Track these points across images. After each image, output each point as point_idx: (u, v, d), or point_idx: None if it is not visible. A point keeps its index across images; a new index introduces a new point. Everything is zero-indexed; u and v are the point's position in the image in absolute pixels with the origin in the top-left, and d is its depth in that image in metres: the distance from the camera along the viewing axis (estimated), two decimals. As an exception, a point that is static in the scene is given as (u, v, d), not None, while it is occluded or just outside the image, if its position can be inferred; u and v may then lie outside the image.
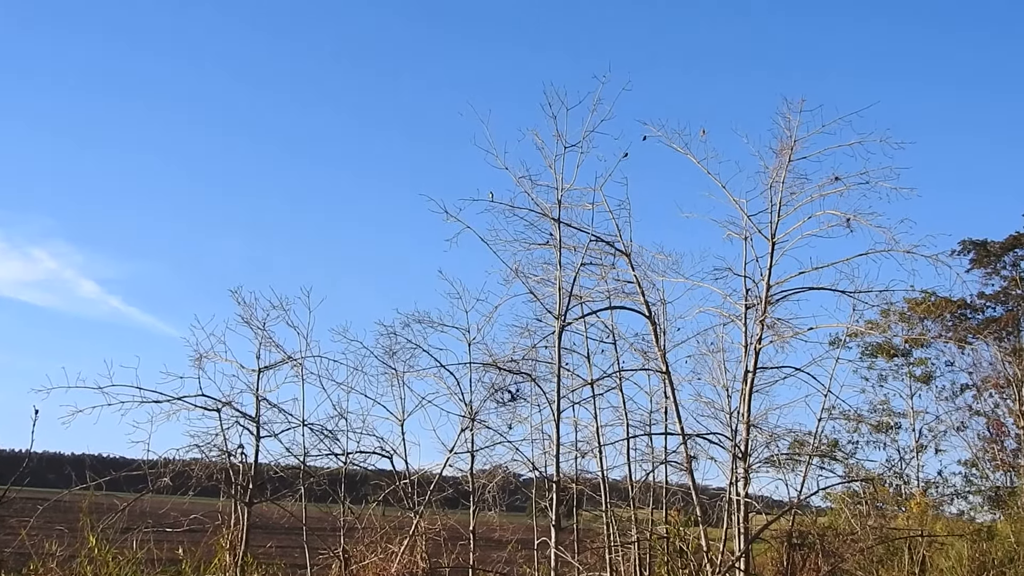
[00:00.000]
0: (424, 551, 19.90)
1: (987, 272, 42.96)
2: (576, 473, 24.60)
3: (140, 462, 19.48)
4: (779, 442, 23.20)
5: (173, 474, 19.57)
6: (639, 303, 21.80)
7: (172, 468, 19.56)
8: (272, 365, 21.11)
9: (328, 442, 21.07)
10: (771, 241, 21.92)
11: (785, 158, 21.87)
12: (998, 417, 42.74)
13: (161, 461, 19.48)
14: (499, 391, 22.13)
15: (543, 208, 20.69)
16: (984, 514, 42.38)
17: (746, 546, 20.87)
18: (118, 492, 20.11)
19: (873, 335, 36.45)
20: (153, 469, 19.37)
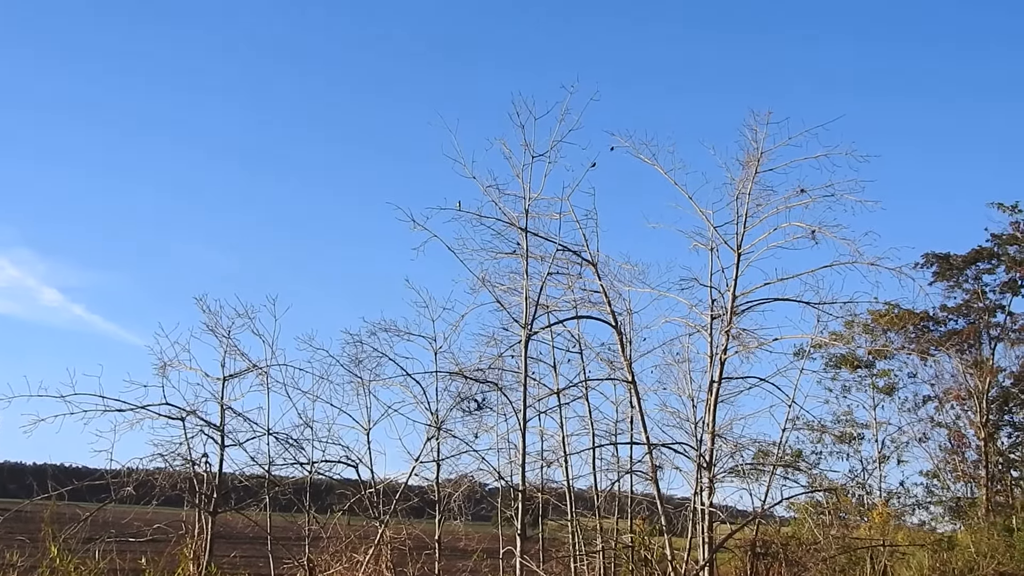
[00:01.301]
0: (389, 560, 19.85)
1: (950, 285, 43.33)
2: (542, 482, 24.64)
3: (103, 471, 19.33)
4: (744, 452, 23.35)
5: (136, 483, 19.42)
6: (605, 313, 21.87)
7: (135, 477, 19.41)
8: (237, 373, 21.01)
9: (293, 451, 21.00)
10: (737, 252, 22.07)
11: (751, 170, 22.05)
12: (959, 429, 43.22)
13: (124, 470, 19.33)
14: (465, 400, 22.13)
15: (510, 217, 20.71)
16: (945, 524, 42.80)
17: (710, 555, 20.95)
18: (80, 502, 19.94)
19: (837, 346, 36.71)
20: (116, 478, 19.22)
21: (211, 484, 20.39)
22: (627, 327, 23.11)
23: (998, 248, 41.86)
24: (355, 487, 21.46)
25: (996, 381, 41.86)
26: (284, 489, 21.04)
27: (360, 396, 22.05)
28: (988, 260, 42.26)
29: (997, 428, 42.55)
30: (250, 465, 20.95)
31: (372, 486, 21.39)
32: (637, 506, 24.89)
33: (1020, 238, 40.98)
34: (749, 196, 22.07)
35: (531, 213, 20.57)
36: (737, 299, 21.99)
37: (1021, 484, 42.60)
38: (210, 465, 20.54)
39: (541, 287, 20.69)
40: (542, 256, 21.36)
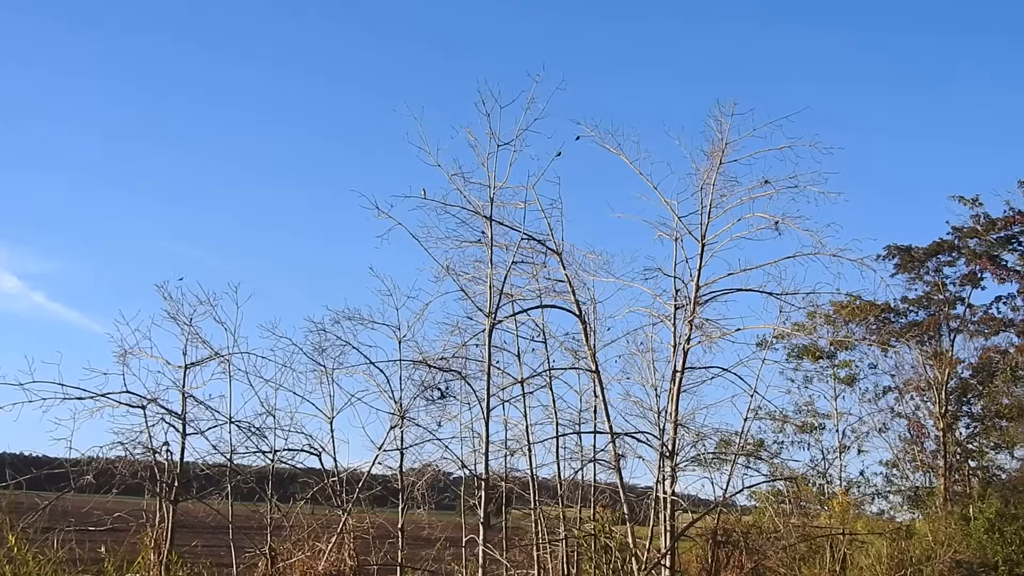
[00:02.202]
0: (352, 549, 19.80)
1: (911, 277, 43.73)
2: (505, 471, 24.67)
3: (62, 460, 19.12)
4: (706, 441, 23.48)
5: (96, 472, 19.22)
6: (570, 302, 21.94)
7: (95, 466, 19.22)
8: (199, 361, 20.86)
9: (255, 439, 20.87)
10: (701, 242, 22.18)
11: (716, 161, 22.16)
12: (919, 419, 43.67)
13: (84, 459, 19.13)
14: (429, 389, 22.11)
15: (475, 206, 20.72)
16: (903, 513, 43.22)
17: (672, 543, 21.07)
18: (39, 491, 19.74)
19: (799, 337, 36.99)
20: (75, 467, 19.02)
21: (172, 473, 20.24)
22: (591, 316, 23.18)
23: (959, 241, 42.30)
24: (318, 476, 21.37)
25: (955, 372, 42.32)
26: (246, 478, 20.90)
27: (323, 384, 21.97)
28: (949, 253, 42.71)
29: (955, 419, 43.02)
30: (212, 454, 20.82)
31: (335, 475, 21.31)
32: (600, 495, 24.98)
33: (980, 231, 41.43)
34: (713, 187, 22.19)
35: (496, 202, 20.59)
36: (700, 289, 22.11)
37: (978, 474, 43.10)
38: (171, 454, 20.39)
39: (505, 276, 20.71)
40: (507, 245, 21.39)
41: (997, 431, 43.20)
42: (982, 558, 27.61)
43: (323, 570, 18.84)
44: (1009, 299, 41.91)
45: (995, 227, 41.20)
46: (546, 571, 23.64)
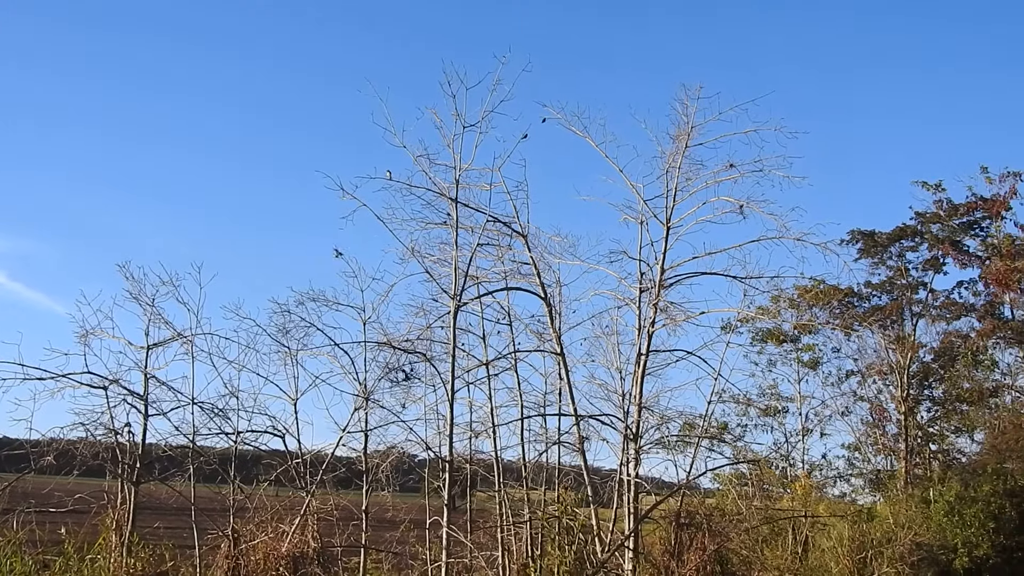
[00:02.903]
0: (316, 531, 19.76)
1: (874, 262, 44.03)
2: (470, 453, 24.65)
3: (22, 441, 18.99)
4: (670, 424, 23.61)
5: (57, 453, 19.06)
6: (535, 285, 21.98)
7: (56, 447, 19.07)
8: (161, 342, 20.70)
9: (219, 421, 20.73)
10: (666, 226, 22.28)
11: (682, 144, 22.25)
12: (881, 403, 44.06)
13: (44, 440, 19.00)
14: (393, 371, 22.07)
15: (441, 188, 20.68)
16: (865, 496, 43.64)
17: (635, 525, 21.18)
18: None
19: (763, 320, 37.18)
20: (36, 448, 18.88)
21: (134, 454, 20.11)
22: (556, 299, 23.23)
23: (922, 226, 42.66)
24: (282, 458, 21.30)
25: (917, 357, 42.72)
26: (209, 459, 20.76)
27: (287, 366, 21.86)
28: (912, 238, 43.06)
29: (917, 403, 43.43)
30: (174, 435, 20.67)
31: (299, 457, 21.23)
32: (564, 477, 25.03)
33: (943, 217, 41.77)
34: (679, 170, 22.29)
35: (462, 184, 20.57)
36: (665, 272, 22.21)
37: (939, 457, 43.55)
38: (133, 435, 20.25)
39: (471, 258, 20.72)
40: (472, 227, 21.40)
41: (958, 415, 43.68)
42: (942, 540, 27.94)
43: (286, 552, 18.79)
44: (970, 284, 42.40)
45: (957, 213, 41.58)
46: (510, 553, 23.67)
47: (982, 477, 29.84)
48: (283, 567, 18.47)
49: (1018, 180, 39.76)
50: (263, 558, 18.63)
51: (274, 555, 18.67)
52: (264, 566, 18.55)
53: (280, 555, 18.66)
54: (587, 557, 20.98)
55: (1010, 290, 39.06)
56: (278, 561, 18.54)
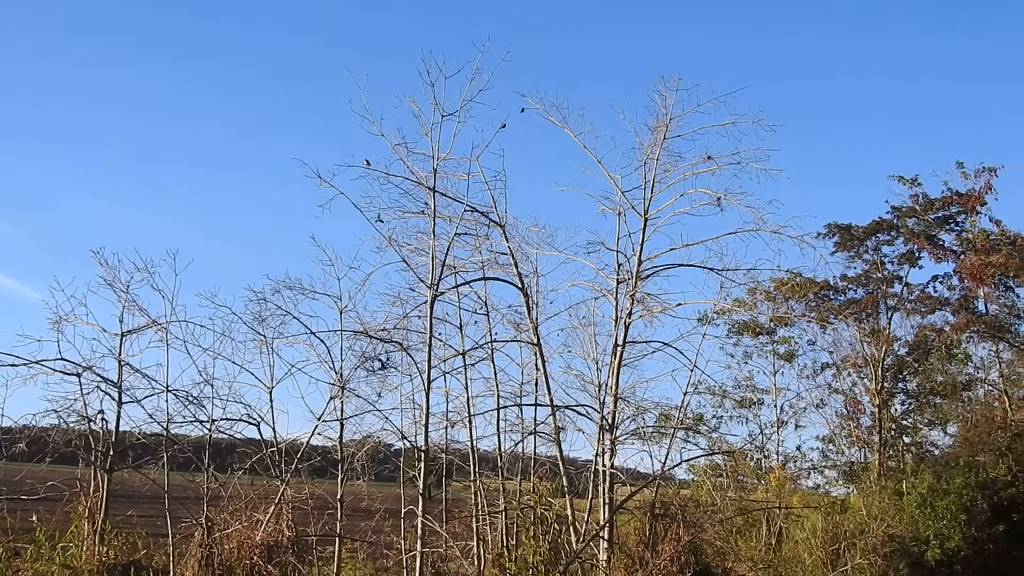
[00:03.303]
0: (290, 520, 19.69)
1: (850, 255, 44.14)
2: (446, 443, 24.64)
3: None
4: (645, 415, 23.62)
5: (29, 440, 18.96)
6: (512, 275, 21.96)
7: (28, 434, 18.96)
8: (135, 329, 20.61)
9: (193, 409, 20.64)
10: (644, 217, 22.30)
11: (660, 135, 22.27)
12: (855, 395, 44.21)
13: (16, 427, 18.89)
14: (369, 360, 22.02)
15: (418, 176, 20.62)
16: (839, 488, 43.78)
17: (610, 516, 21.22)
18: (-30, 459, 19.44)
19: (740, 313, 37.34)
20: (7, 435, 18.80)
21: (107, 442, 20.02)
22: (533, 289, 23.23)
23: (898, 220, 42.78)
24: (256, 446, 21.21)
25: (892, 350, 42.89)
26: (183, 447, 20.67)
27: (263, 354, 21.77)
28: (888, 232, 43.18)
29: (891, 395, 43.61)
30: (148, 423, 20.56)
31: (274, 445, 21.16)
32: (540, 467, 25.06)
33: (919, 211, 41.93)
34: (657, 162, 22.31)
35: (440, 173, 20.49)
36: (643, 264, 22.25)
37: (912, 450, 43.77)
38: (106, 422, 20.16)
39: (448, 247, 20.67)
40: (450, 216, 21.35)
41: (931, 408, 43.91)
42: (914, 532, 28.09)
43: (260, 540, 18.72)
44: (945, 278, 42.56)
45: (933, 207, 41.73)
46: (485, 543, 23.72)
47: (954, 470, 30.02)
48: (257, 556, 18.41)
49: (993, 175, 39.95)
50: (237, 547, 18.57)
51: (248, 544, 18.60)
52: (238, 555, 18.48)
53: (254, 544, 18.60)
54: (562, 547, 21.00)
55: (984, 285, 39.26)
56: (252, 550, 18.47)
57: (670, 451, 23.28)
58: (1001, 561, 28.62)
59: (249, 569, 18.24)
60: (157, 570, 20.48)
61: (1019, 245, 38.50)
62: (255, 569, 18.18)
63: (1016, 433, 32.13)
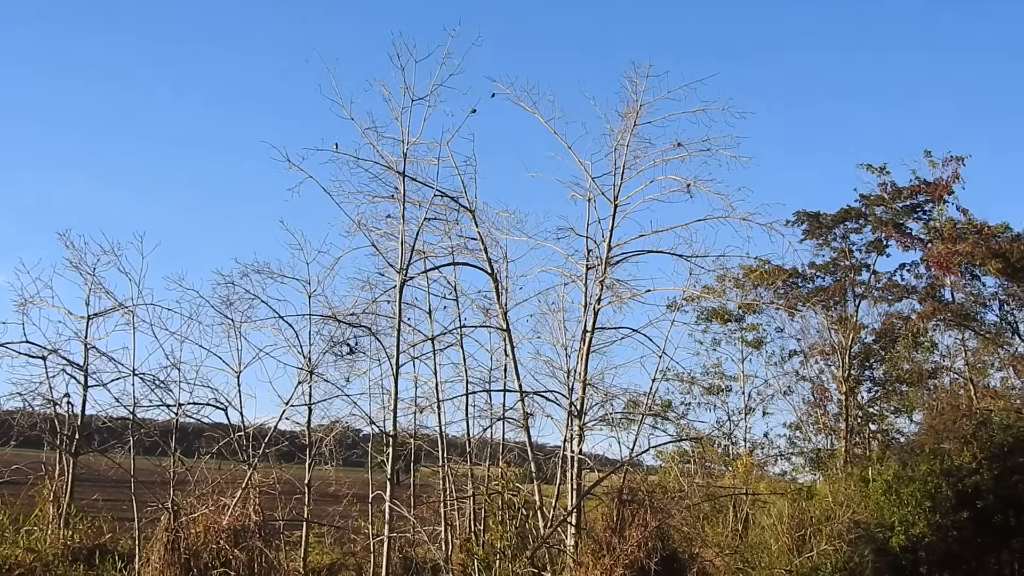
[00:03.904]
0: (257, 504, 19.62)
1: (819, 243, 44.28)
2: (414, 428, 24.66)
3: (-43, 411, 18.71)
4: (614, 401, 23.66)
5: (-8, 423, 18.85)
6: (482, 260, 21.96)
7: (-8, 417, 18.84)
8: (102, 312, 20.50)
9: (160, 393, 20.53)
10: (613, 203, 22.32)
11: (630, 122, 22.29)
12: (822, 383, 44.55)
13: (-20, 410, 18.72)
14: (338, 344, 21.97)
15: (388, 161, 20.56)
16: (805, 474, 44.16)
17: (578, 501, 21.29)
18: (-67, 442, 19.30)
19: (708, 299, 37.50)
20: (-29, 418, 18.62)
21: (73, 425, 19.92)
22: (503, 275, 23.20)
23: (866, 208, 42.98)
24: (224, 430, 21.12)
25: (859, 337, 43.14)
26: (150, 431, 20.58)
27: (231, 338, 21.69)
28: (856, 220, 43.35)
29: (858, 383, 43.89)
30: (114, 406, 20.48)
31: (241, 430, 21.08)
32: (508, 453, 25.09)
33: (887, 199, 42.13)
34: (627, 148, 22.33)
35: (409, 157, 20.47)
36: (612, 250, 22.27)
37: (878, 437, 44.10)
38: (72, 406, 20.07)
39: (418, 232, 20.65)
40: (419, 201, 21.32)
41: (897, 395, 44.29)
42: (879, 518, 28.32)
43: (227, 525, 18.64)
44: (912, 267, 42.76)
45: (901, 196, 41.92)
46: (452, 528, 23.73)
47: (919, 457, 30.26)
48: (224, 540, 18.33)
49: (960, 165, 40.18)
50: (204, 531, 18.48)
51: (215, 528, 18.52)
52: (204, 539, 18.40)
53: (221, 528, 18.52)
54: (529, 532, 21.06)
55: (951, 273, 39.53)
56: (219, 534, 18.39)
57: (638, 437, 23.35)
58: (964, 547, 28.92)
59: (215, 553, 18.17)
60: (122, 554, 20.41)
61: (985, 234, 38.79)
62: (221, 553, 18.11)
63: (981, 421, 32.42)
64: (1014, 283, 38.93)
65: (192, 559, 17.87)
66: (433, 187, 21.26)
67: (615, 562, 19.13)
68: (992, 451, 30.24)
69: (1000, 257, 37.64)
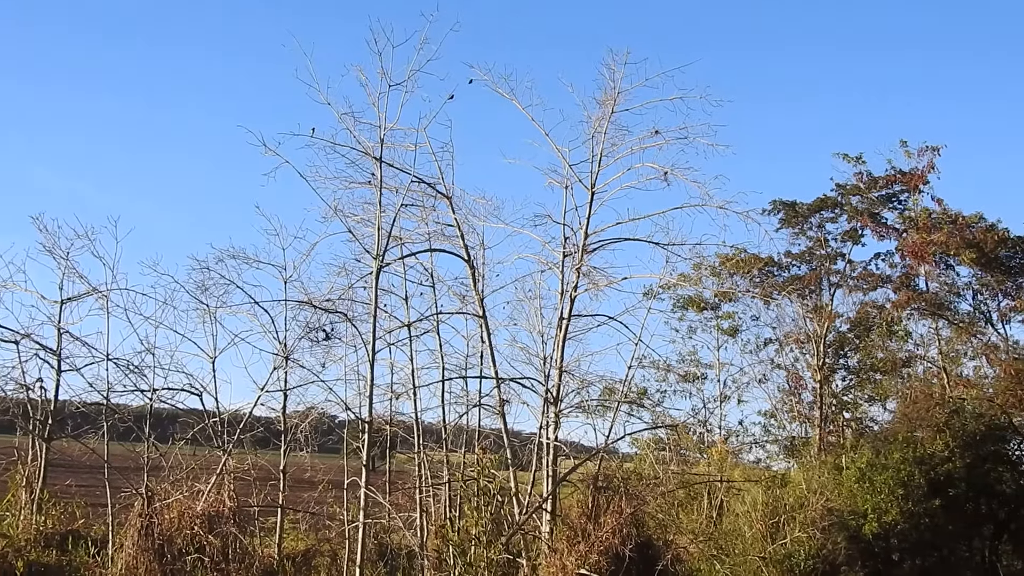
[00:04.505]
0: (232, 490, 19.58)
1: (795, 232, 44.37)
2: (390, 415, 24.61)
3: (-73, 395, 18.57)
4: (590, 388, 23.71)
5: (-36, 408, 18.72)
6: (459, 247, 21.92)
7: (-37, 402, 18.71)
8: (76, 297, 20.37)
9: (134, 378, 20.45)
10: (591, 191, 22.32)
11: (608, 109, 22.27)
12: (797, 371, 44.74)
13: (-49, 394, 18.59)
14: (314, 330, 21.92)
15: (365, 146, 20.49)
16: (779, 462, 44.32)
17: (553, 488, 21.33)
18: (-97, 426, 19.16)
19: (685, 287, 37.54)
20: (-58, 403, 18.50)
21: (46, 410, 19.81)
22: (480, 262, 23.18)
23: (842, 198, 43.11)
24: (198, 416, 21.04)
25: (833, 326, 43.30)
26: (124, 417, 20.48)
27: (206, 324, 21.63)
28: (832, 209, 43.47)
29: (832, 371, 44.09)
30: (88, 391, 20.37)
31: (216, 415, 21.01)
32: (484, 440, 25.11)
33: (863, 189, 42.27)
34: (605, 135, 22.33)
35: (387, 143, 20.37)
36: (589, 237, 22.29)
37: (852, 425, 44.32)
38: (45, 390, 19.96)
39: (394, 218, 20.60)
40: (396, 187, 21.26)
41: (871, 384, 44.49)
42: (852, 506, 28.46)
43: (201, 511, 18.60)
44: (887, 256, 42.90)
45: (877, 185, 42.06)
46: (428, 514, 23.73)
47: (893, 445, 30.41)
48: (198, 526, 18.29)
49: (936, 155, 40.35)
50: (178, 517, 18.43)
51: (189, 514, 18.47)
52: (179, 525, 18.35)
53: (195, 514, 18.47)
54: (505, 519, 21.10)
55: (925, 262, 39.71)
56: (193, 520, 18.35)
57: (614, 424, 23.41)
58: (936, 535, 29.13)
59: (189, 539, 18.13)
60: (96, 540, 20.34)
61: (960, 224, 38.99)
62: (195, 539, 18.07)
63: (953, 410, 32.62)
64: (987, 273, 39.17)
65: (166, 545, 17.83)
66: (410, 173, 21.23)
67: (590, 548, 19.19)
68: (964, 439, 30.46)
69: (974, 247, 37.86)
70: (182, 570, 17.75)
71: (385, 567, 21.61)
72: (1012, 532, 31.23)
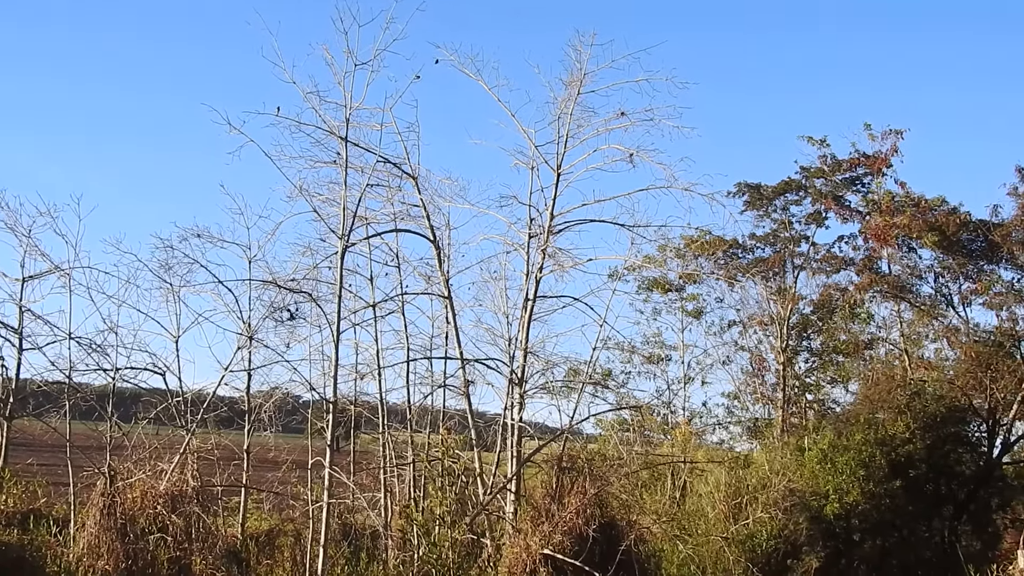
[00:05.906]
0: (196, 470, 19.51)
1: (759, 214, 44.57)
2: (355, 395, 24.61)
3: None
4: (555, 369, 23.83)
5: (-76, 387, 18.55)
6: (424, 227, 21.93)
7: (-77, 381, 18.53)
8: (37, 275, 20.18)
9: (97, 357, 20.28)
10: (556, 172, 22.37)
11: (574, 91, 22.32)
12: (760, 353, 45.02)
13: (-89, 373, 18.42)
14: (278, 310, 21.88)
15: (331, 126, 20.41)
16: (743, 443, 44.62)
17: (517, 468, 21.43)
18: None
19: (650, 269, 37.66)
20: (-99, 382, 18.32)
21: (7, 389, 19.64)
22: (445, 243, 23.19)
23: (806, 180, 43.34)
24: (162, 395, 20.93)
25: (797, 308, 43.62)
26: (86, 396, 20.36)
27: (169, 303, 21.50)
28: (796, 192, 43.69)
29: (795, 353, 44.41)
30: (50, 370, 20.20)
31: (180, 395, 20.91)
32: (449, 420, 25.15)
33: (827, 172, 42.51)
34: (571, 117, 22.37)
35: (352, 122, 20.31)
36: (555, 218, 22.35)
37: (814, 407, 44.65)
38: (6, 369, 19.79)
39: (360, 198, 20.53)
40: (362, 167, 21.21)
41: (834, 366, 44.86)
42: (814, 487, 28.74)
43: (164, 490, 18.54)
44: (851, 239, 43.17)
45: (840, 168, 42.31)
46: (392, 494, 23.80)
47: (854, 426, 30.72)
48: (161, 506, 18.23)
49: (900, 138, 40.59)
50: (140, 496, 18.36)
51: (152, 493, 18.40)
52: (141, 504, 18.28)
53: (158, 493, 18.41)
54: (469, 499, 21.19)
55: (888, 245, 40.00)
56: (156, 499, 18.29)
57: (578, 406, 23.55)
58: (897, 515, 29.49)
59: (152, 519, 18.06)
60: (57, 519, 20.21)
61: (922, 207, 39.32)
62: (158, 519, 18.02)
63: (915, 391, 32.95)
64: (949, 256, 39.52)
65: (128, 524, 17.75)
66: (376, 153, 21.18)
67: (554, 529, 19.29)
68: (925, 421, 30.82)
69: (936, 230, 38.19)
70: (144, 549, 17.69)
71: (349, 547, 21.64)
72: (971, 513, 31.71)
